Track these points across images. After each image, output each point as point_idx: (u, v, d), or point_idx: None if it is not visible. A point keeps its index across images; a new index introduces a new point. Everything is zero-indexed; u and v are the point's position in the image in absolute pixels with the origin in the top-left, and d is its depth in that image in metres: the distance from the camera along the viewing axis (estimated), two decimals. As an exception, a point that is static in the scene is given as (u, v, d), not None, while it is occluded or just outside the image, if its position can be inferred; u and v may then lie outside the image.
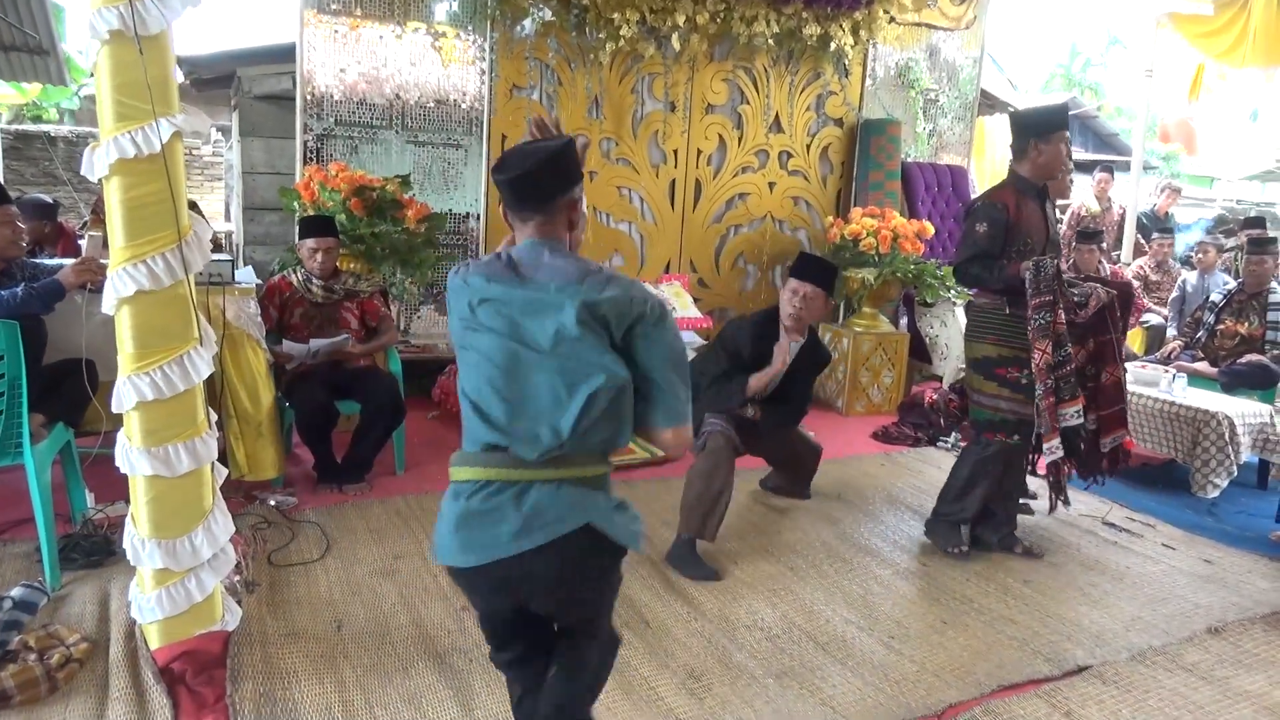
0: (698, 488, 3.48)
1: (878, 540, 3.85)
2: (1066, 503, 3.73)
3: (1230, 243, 8.08)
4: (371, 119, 5.26)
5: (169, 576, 2.44)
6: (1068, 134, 3.48)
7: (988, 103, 8.03)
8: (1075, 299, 3.45)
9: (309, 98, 5.09)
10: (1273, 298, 5.38)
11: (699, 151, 6.11)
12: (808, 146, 6.45)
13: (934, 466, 4.93)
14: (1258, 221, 7.25)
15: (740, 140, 6.21)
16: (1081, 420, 3.44)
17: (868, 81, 6.54)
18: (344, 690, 2.51)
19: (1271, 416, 4.77)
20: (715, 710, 2.54)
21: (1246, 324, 5.40)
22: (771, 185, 6.38)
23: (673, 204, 6.13)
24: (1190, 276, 6.53)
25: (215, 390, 3.61)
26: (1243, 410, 4.66)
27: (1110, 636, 3.09)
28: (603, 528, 1.72)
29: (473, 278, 1.78)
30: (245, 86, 5.64)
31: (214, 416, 2.55)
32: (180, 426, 2.38)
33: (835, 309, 6.58)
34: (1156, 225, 7.99)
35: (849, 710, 2.59)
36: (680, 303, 5.77)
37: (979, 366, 3.59)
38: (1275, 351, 5.28)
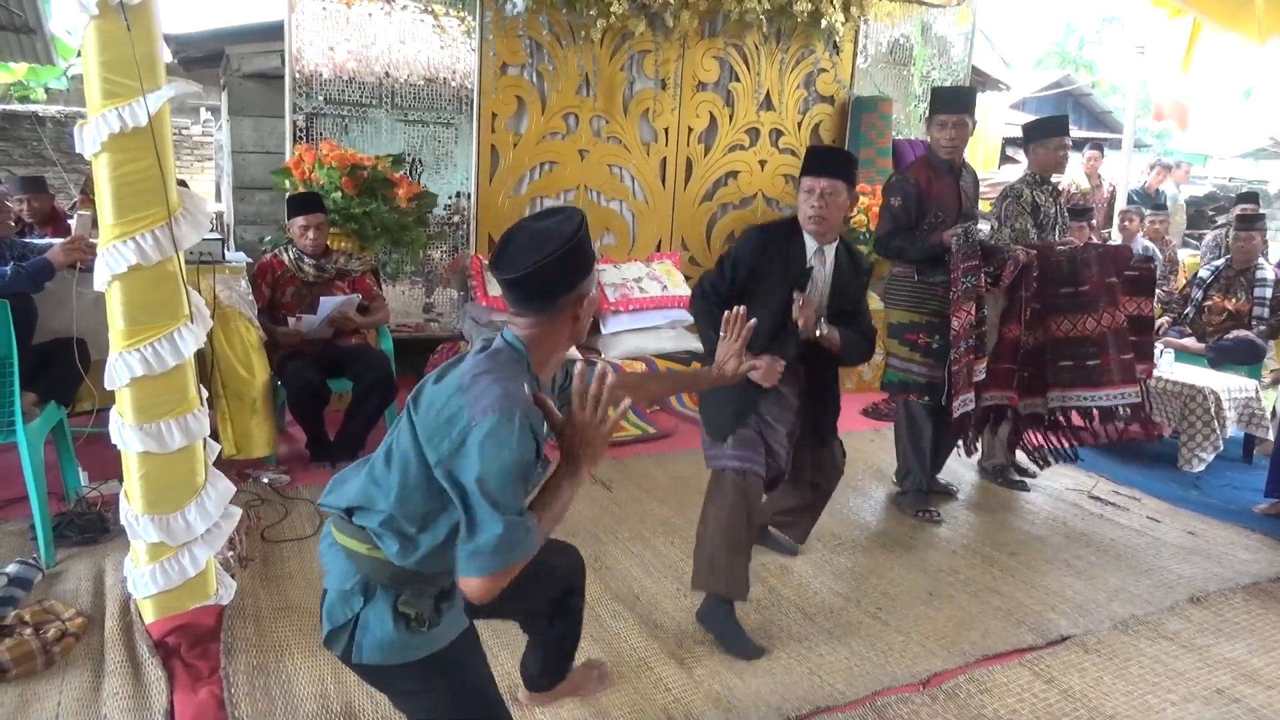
0: (715, 542, 2.75)
1: (867, 515, 3.89)
2: (969, 452, 3.93)
3: (1223, 219, 8.10)
4: (361, 97, 5.25)
5: (163, 551, 2.46)
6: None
7: (979, 80, 8.01)
8: (1000, 260, 3.61)
9: (298, 76, 5.07)
10: (1260, 274, 5.41)
11: (690, 129, 6.10)
12: (799, 124, 6.44)
13: (923, 442, 4.96)
14: (1251, 196, 7.27)
15: (731, 118, 6.20)
16: (984, 376, 3.62)
17: (859, 59, 6.53)
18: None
19: (1257, 391, 4.82)
20: (704, 680, 2.58)
21: (1234, 300, 5.43)
22: (763, 163, 6.38)
23: (664, 182, 6.13)
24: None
25: (205, 368, 3.62)
26: (1229, 385, 4.71)
27: (1093, 607, 3.14)
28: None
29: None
30: (234, 65, 5.61)
31: (204, 393, 2.57)
32: (171, 403, 2.40)
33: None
34: (1144, 200, 8.00)
35: (835, 678, 2.63)
36: (671, 281, 5.79)
37: (893, 331, 3.82)
38: (1262, 327, 5.32)
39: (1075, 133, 14.34)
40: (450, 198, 5.61)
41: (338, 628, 1.71)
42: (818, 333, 2.84)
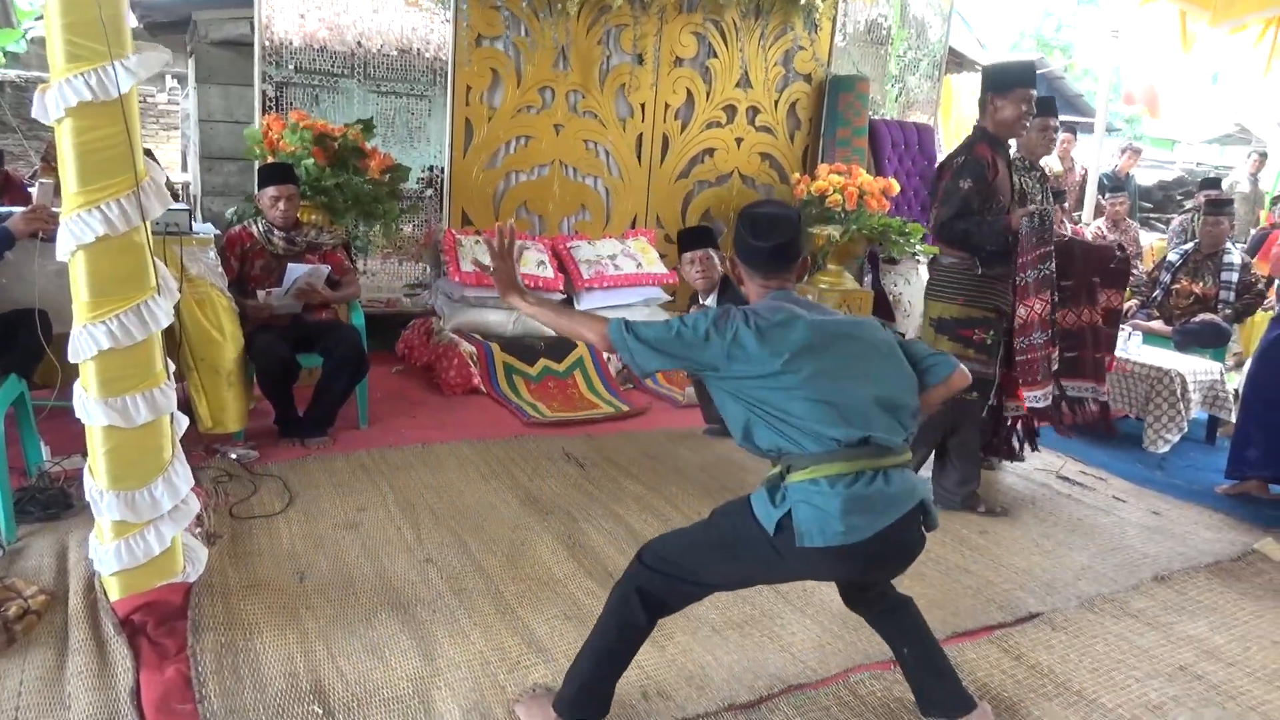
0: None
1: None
2: (1035, 448, 3.92)
3: (1189, 204, 8.20)
4: (332, 67, 5.14)
5: (128, 528, 2.42)
6: (1032, 91, 3.47)
7: (955, 60, 8.03)
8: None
9: (268, 44, 4.96)
10: (1227, 258, 5.49)
11: (667, 105, 6.06)
12: (776, 102, 6.42)
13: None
14: (1214, 182, 7.36)
15: (708, 95, 6.16)
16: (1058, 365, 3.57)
17: (837, 37, 6.51)
18: (306, 640, 2.51)
19: (1222, 374, 4.90)
20: (677, 658, 2.58)
21: (1201, 284, 5.51)
22: (739, 141, 6.35)
23: (640, 158, 6.09)
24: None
25: (175, 341, 3.55)
26: (1194, 368, 4.78)
27: (1061, 585, 3.18)
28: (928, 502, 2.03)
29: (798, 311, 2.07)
30: (202, 31, 5.47)
31: (172, 367, 2.52)
32: (138, 377, 2.35)
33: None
34: (1113, 184, 8.08)
35: (807, 655, 2.64)
36: (646, 258, 5.76)
37: (942, 326, 3.58)
38: (1228, 311, 5.40)
39: (1048, 116, 14.39)
40: (423, 171, 5.53)
41: None
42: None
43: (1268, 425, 4.09)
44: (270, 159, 4.54)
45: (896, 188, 5.98)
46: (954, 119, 9.53)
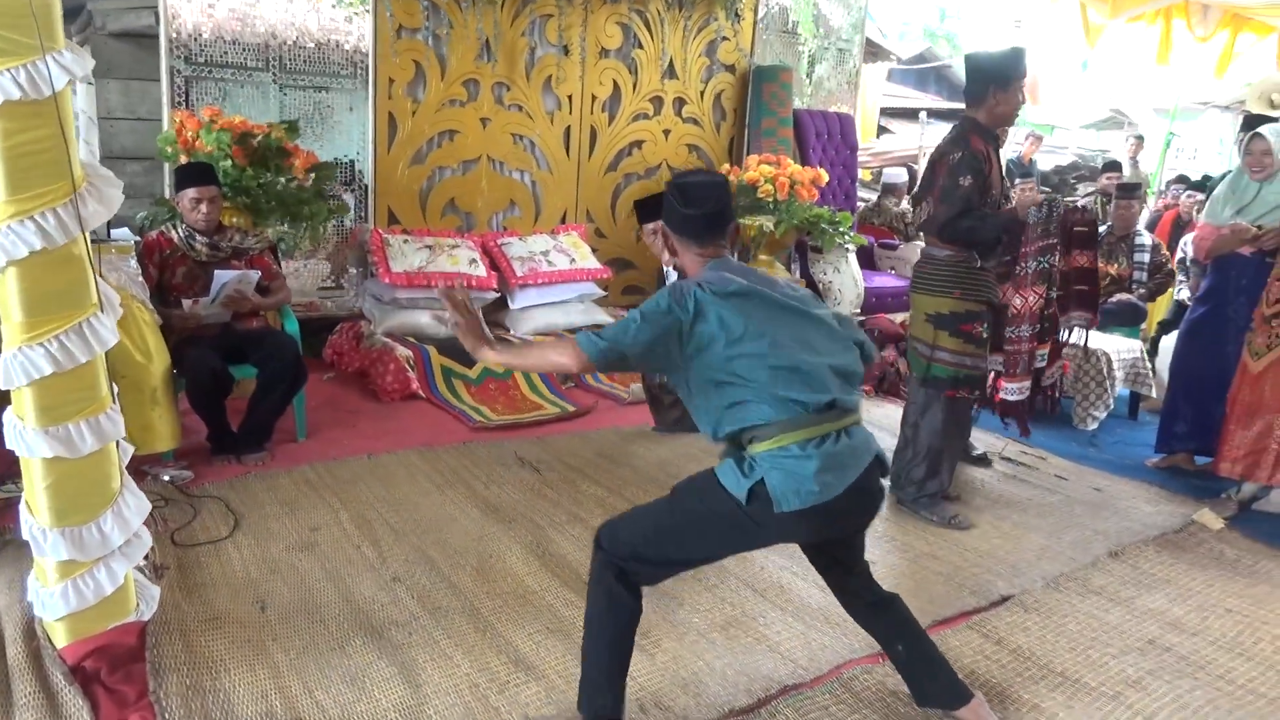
0: None
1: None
2: (1025, 433, 4.05)
3: (1087, 188, 8.56)
4: (245, 60, 4.86)
5: (76, 568, 2.22)
6: (1026, 80, 3.45)
7: (871, 51, 8.16)
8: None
9: (174, 36, 4.66)
10: (1139, 240, 5.72)
11: (594, 97, 5.96)
12: (702, 93, 6.39)
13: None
14: (1115, 165, 7.70)
15: (635, 86, 6.09)
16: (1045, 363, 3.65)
17: (760, 27, 6.52)
18: (278, 676, 2.35)
19: (1143, 352, 5.11)
20: (668, 666, 2.52)
21: (1116, 265, 5.72)
22: (666, 132, 6.31)
23: (568, 151, 5.98)
24: None
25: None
26: (1118, 347, 4.97)
27: (1025, 566, 3.25)
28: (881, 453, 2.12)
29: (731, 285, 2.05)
30: (98, 22, 5.10)
31: (115, 389, 2.32)
32: (82, 402, 2.14)
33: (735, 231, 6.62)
34: (1020, 170, 8.36)
35: (796, 654, 2.62)
36: (579, 253, 5.66)
37: (942, 322, 3.46)
38: (1142, 290, 5.63)
39: (936, 104, 14.91)
40: (342, 166, 5.29)
41: None
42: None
43: (1194, 400, 4.27)
44: (184, 159, 4.26)
45: (825, 178, 6.04)
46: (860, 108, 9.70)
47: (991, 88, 3.36)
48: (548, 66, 5.73)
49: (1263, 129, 4.04)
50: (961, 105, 3.64)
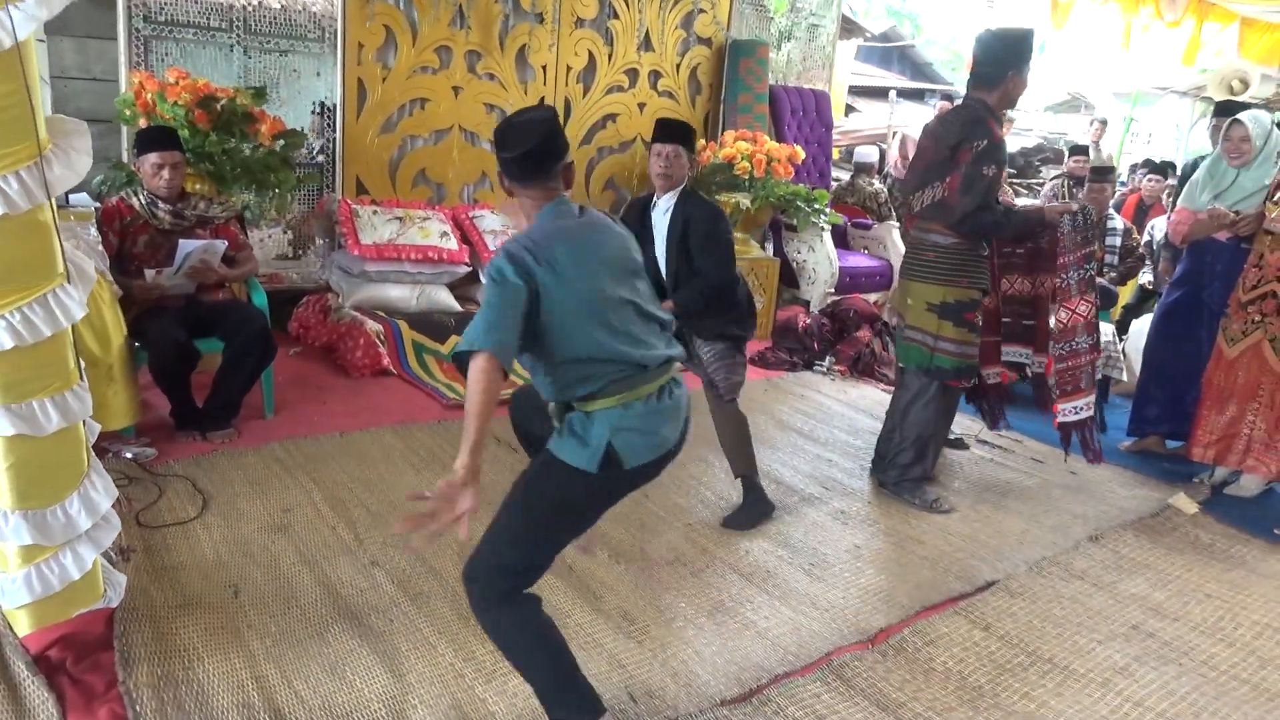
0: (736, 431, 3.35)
1: (779, 467, 3.87)
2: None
3: (1052, 171, 8.59)
4: (208, 20, 4.65)
5: (39, 553, 2.10)
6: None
7: (848, 28, 8.09)
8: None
9: (133, -10, 4.44)
10: (1111, 224, 5.74)
11: (569, 68, 5.82)
12: (677, 66, 6.28)
13: (816, 391, 5.02)
14: (1082, 149, 7.73)
15: (610, 58, 5.96)
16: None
17: (737, 1, 6.41)
18: (254, 664, 2.26)
19: (1115, 335, 5.14)
20: (657, 654, 2.48)
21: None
22: (641, 106, 6.19)
23: (542, 124, 5.82)
24: None
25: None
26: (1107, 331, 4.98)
27: (1008, 550, 3.25)
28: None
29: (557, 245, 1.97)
30: (46, -25, 4.84)
31: (82, 364, 2.19)
32: (47, 378, 2.02)
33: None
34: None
35: (785, 640, 2.59)
36: (553, 228, 5.54)
37: (947, 311, 3.37)
38: (1113, 274, 5.66)
39: (902, 83, 14.91)
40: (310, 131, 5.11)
41: None
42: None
43: (1166, 385, 4.31)
44: (143, 122, 4.07)
45: (802, 155, 5.97)
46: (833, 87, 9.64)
47: (1010, 70, 3.26)
48: (522, 35, 5.57)
49: (1241, 116, 4.05)
50: (924, 84, 3.58)
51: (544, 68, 5.72)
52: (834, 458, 4.03)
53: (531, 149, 2.01)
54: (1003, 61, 3.29)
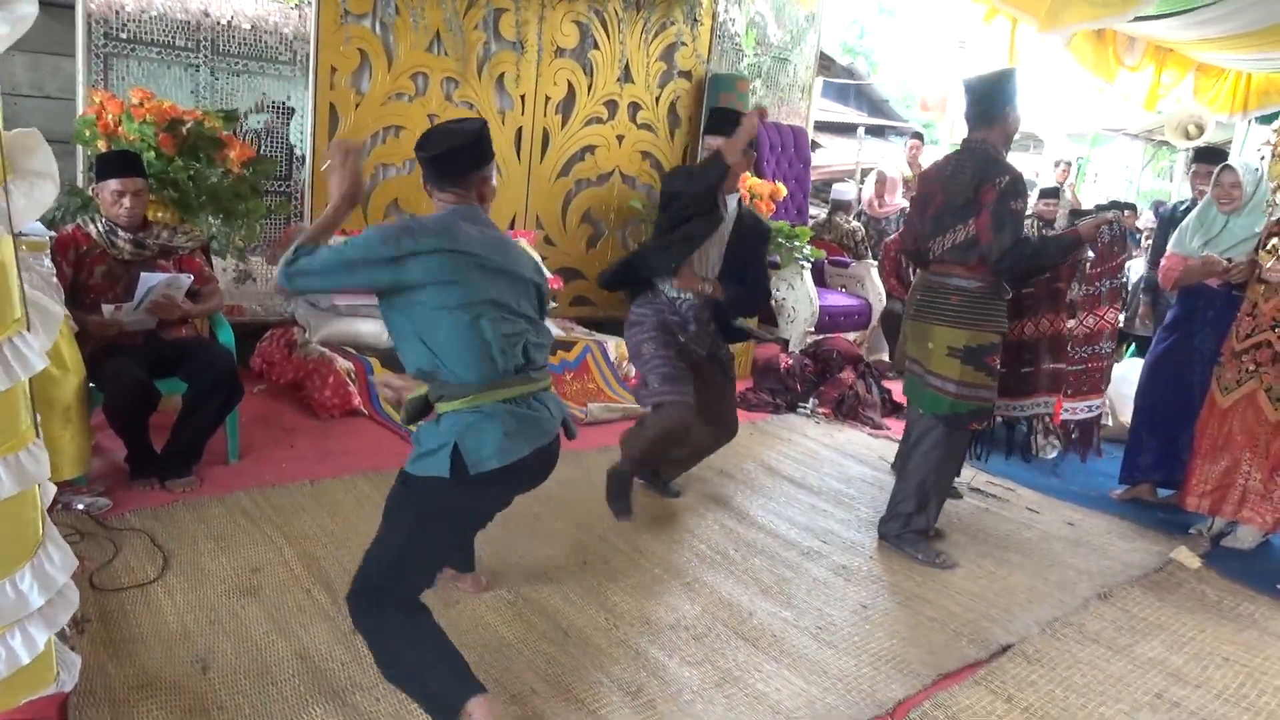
0: (643, 441, 3.36)
1: (772, 518, 3.72)
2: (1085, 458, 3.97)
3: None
4: (173, 39, 4.42)
5: (-16, 634, 1.85)
6: None
7: (824, 65, 8.08)
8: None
9: (94, 8, 4.19)
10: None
11: (547, 98, 5.68)
12: (657, 99, 6.17)
13: (801, 434, 4.89)
14: (1054, 191, 7.78)
15: (590, 88, 5.83)
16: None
17: (718, 34, 6.33)
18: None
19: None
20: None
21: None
22: (620, 138, 6.06)
23: (519, 154, 5.68)
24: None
25: None
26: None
27: (1017, 610, 3.12)
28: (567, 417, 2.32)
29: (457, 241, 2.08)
30: (-1, -13, 4.57)
31: (38, 418, 1.96)
32: (1, 436, 1.78)
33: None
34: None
35: (800, 716, 2.42)
36: (529, 262, 5.37)
37: (969, 356, 3.27)
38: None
39: (862, 119, 15.08)
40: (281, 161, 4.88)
41: None
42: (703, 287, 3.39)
43: (1158, 432, 4.26)
44: (103, 144, 3.82)
45: (784, 192, 5.89)
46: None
47: (1006, 106, 3.27)
48: (501, 63, 5.42)
49: (1232, 162, 4.04)
50: (881, 120, 3.67)
51: (522, 97, 5.57)
52: (828, 507, 3.89)
53: (446, 151, 2.12)
54: (998, 100, 3.31)
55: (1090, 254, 3.52)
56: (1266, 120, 10.98)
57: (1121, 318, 3.85)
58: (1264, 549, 3.86)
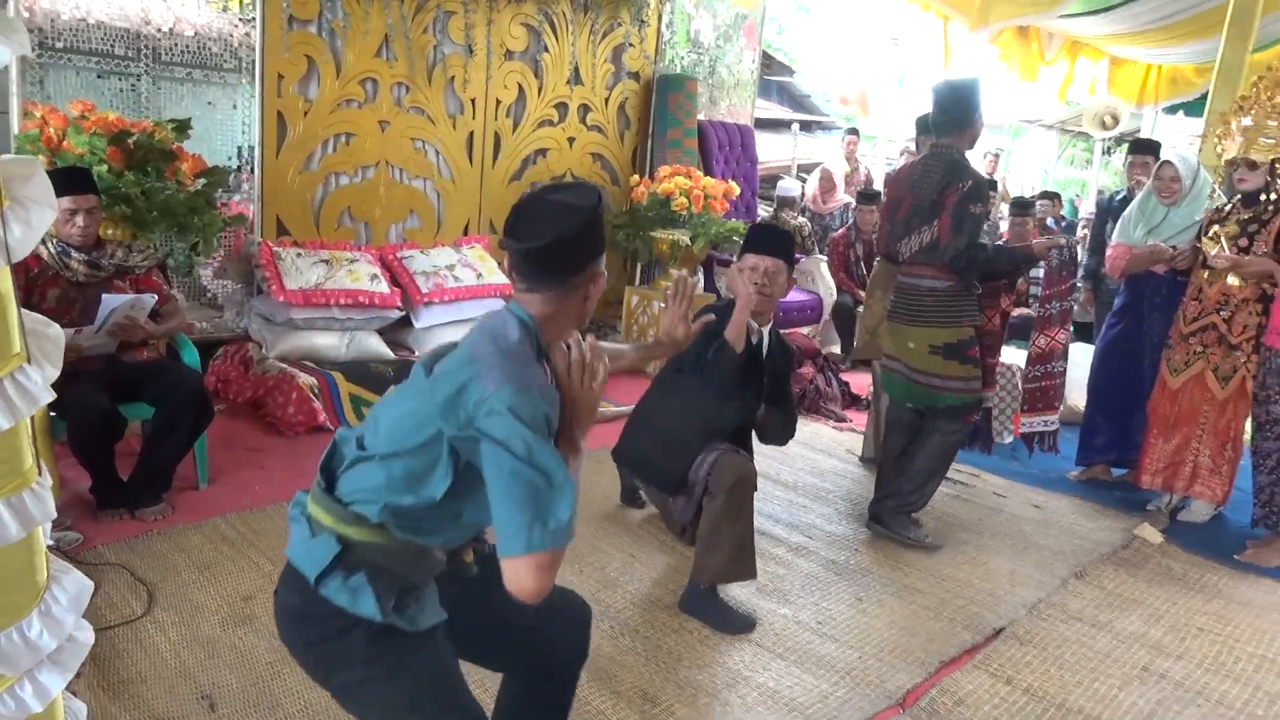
0: (730, 531, 2.85)
1: (759, 517, 3.74)
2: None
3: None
4: (112, 48, 4.24)
5: (-8, 685, 1.75)
6: None
7: (766, 65, 8.16)
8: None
9: (27, 16, 4.00)
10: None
11: (498, 102, 5.62)
12: (606, 100, 6.16)
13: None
14: (992, 184, 8.02)
15: (540, 91, 5.79)
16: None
17: (665, 35, 6.35)
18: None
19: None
20: (690, 737, 2.30)
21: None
22: (571, 141, 6.03)
23: (471, 159, 5.61)
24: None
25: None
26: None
27: (1002, 594, 3.21)
28: None
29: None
30: (-85, -4, 4.33)
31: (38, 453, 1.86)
32: (3, 477, 1.69)
33: (634, 270, 6.43)
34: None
35: (815, 711, 2.46)
36: (485, 268, 5.32)
37: (952, 352, 3.39)
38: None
39: (786, 114, 15.29)
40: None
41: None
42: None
43: (1111, 414, 4.43)
44: (46, 160, 3.65)
45: (736, 190, 5.94)
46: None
47: (975, 114, 3.38)
48: (451, 67, 5.34)
49: (1171, 157, 4.20)
50: (804, 115, 3.71)
51: (473, 101, 5.50)
52: (807, 502, 3.95)
53: (557, 240, 1.51)
54: (966, 108, 3.40)
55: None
56: (1172, 111, 11.53)
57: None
58: (1218, 521, 4.05)
